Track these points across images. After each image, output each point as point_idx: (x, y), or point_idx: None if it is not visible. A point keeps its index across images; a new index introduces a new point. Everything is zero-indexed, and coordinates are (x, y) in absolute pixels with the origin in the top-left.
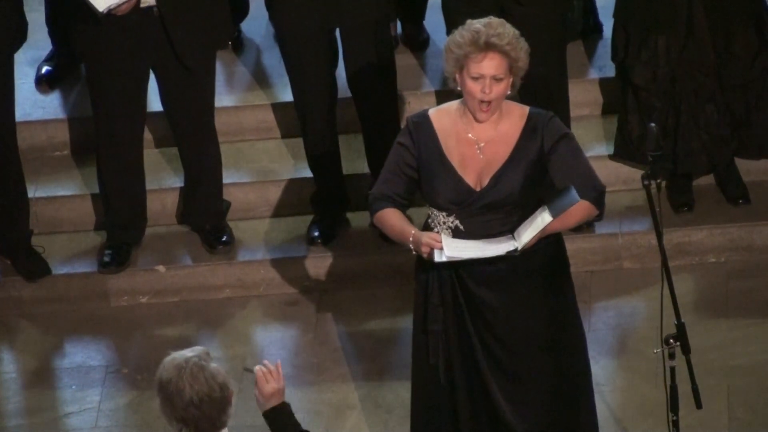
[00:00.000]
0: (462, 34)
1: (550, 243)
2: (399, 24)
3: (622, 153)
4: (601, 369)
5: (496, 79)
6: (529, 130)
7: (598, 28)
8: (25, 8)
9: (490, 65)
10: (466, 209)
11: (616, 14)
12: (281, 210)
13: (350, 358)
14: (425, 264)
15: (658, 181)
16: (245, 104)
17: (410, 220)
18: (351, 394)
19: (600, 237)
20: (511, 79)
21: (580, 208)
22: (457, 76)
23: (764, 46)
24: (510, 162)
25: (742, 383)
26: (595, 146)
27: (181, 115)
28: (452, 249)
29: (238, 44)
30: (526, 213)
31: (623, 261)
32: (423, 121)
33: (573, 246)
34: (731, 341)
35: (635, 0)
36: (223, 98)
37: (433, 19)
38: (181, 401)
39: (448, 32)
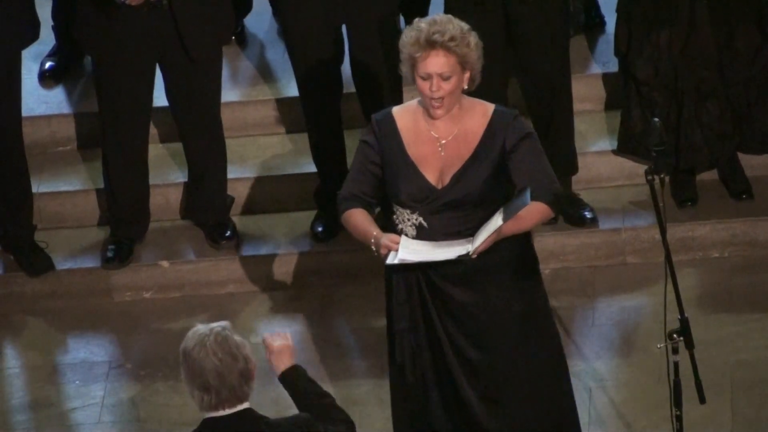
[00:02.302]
0: (408, 33)
1: (516, 242)
2: (402, 19)
3: (625, 148)
4: (604, 364)
5: (444, 77)
6: (492, 128)
7: (601, 23)
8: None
9: (435, 63)
10: (428, 207)
11: (619, 9)
12: (285, 205)
13: (354, 354)
14: (391, 266)
15: (662, 176)
16: (249, 99)
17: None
18: (355, 389)
19: (603, 232)
20: (466, 75)
21: (534, 211)
22: (411, 75)
23: (766, 42)
24: (472, 160)
25: (745, 378)
26: (598, 141)
27: (186, 110)
28: (405, 252)
29: (242, 39)
30: (489, 212)
31: (626, 256)
32: (386, 119)
33: (576, 241)
34: (735, 336)
35: None
36: (227, 93)
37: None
38: (204, 369)
39: None
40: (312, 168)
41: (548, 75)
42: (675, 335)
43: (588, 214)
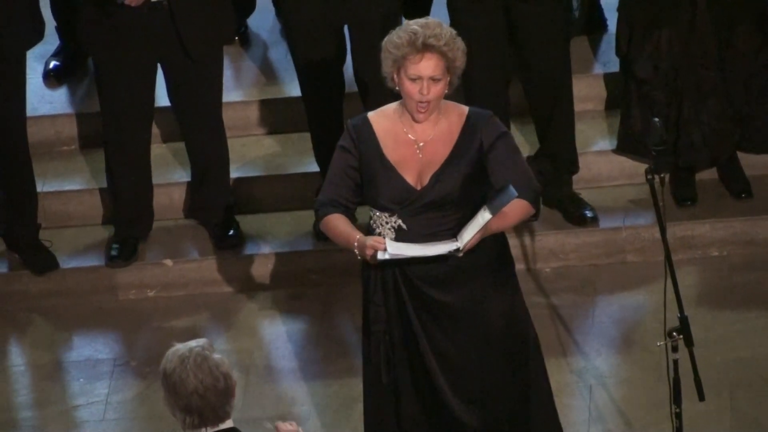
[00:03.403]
0: (399, 35)
1: (494, 243)
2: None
3: (625, 147)
4: (604, 362)
5: (434, 80)
6: (468, 129)
7: (602, 24)
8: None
9: (427, 66)
10: (408, 208)
11: (620, 8)
12: (288, 204)
13: (356, 352)
14: (368, 266)
15: (662, 175)
16: (252, 99)
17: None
18: (357, 386)
19: (603, 231)
20: (448, 79)
21: (517, 208)
22: (395, 76)
23: (766, 41)
24: (449, 161)
25: (744, 376)
26: (599, 141)
27: (188, 110)
28: (395, 248)
29: (245, 39)
30: (467, 212)
31: (627, 255)
32: (362, 123)
33: (577, 240)
34: (734, 334)
35: None
36: (230, 93)
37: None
38: (185, 391)
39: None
40: (314, 167)
41: (549, 75)
42: (675, 333)
43: (589, 213)
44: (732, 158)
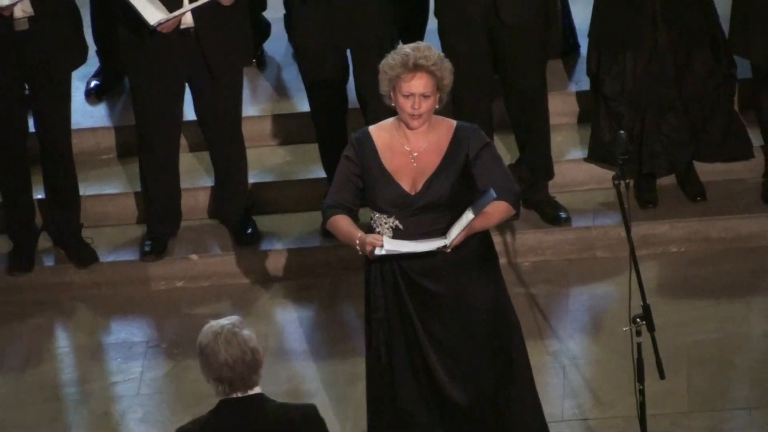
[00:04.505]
0: (394, 57)
1: (479, 240)
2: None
3: (595, 155)
4: (577, 345)
5: (425, 96)
6: (457, 140)
7: (576, 48)
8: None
9: (418, 84)
10: (404, 211)
11: (591, 35)
12: (299, 206)
13: (358, 335)
14: (370, 261)
15: (627, 181)
16: (267, 114)
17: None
18: (359, 366)
19: (576, 230)
20: (438, 96)
21: (499, 209)
22: (391, 94)
23: (718, 64)
24: (440, 169)
25: (700, 356)
26: (572, 150)
27: (212, 123)
28: (391, 245)
29: (262, 62)
30: (455, 213)
31: (596, 251)
32: (364, 137)
33: (552, 237)
34: (690, 320)
35: (607, 23)
36: (248, 108)
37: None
38: (217, 362)
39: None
40: (322, 174)
41: (528, 92)
42: (638, 319)
43: (563, 214)
44: (688, 166)
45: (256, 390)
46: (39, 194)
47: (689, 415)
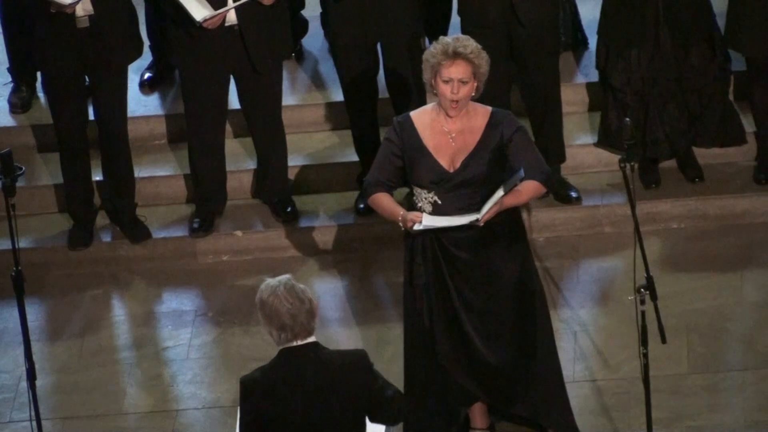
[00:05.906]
0: (435, 46)
1: (509, 217)
2: (426, 39)
3: (604, 141)
4: (586, 313)
5: (463, 82)
6: (492, 124)
7: (584, 42)
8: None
9: (457, 70)
10: (442, 187)
11: (599, 32)
12: (334, 187)
13: (387, 304)
14: (410, 234)
15: (632, 164)
16: (305, 103)
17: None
18: (388, 332)
19: (586, 208)
20: (475, 84)
21: (529, 187)
22: (433, 81)
23: (714, 59)
24: (477, 149)
25: (698, 323)
26: (582, 136)
27: (255, 112)
28: (428, 220)
29: (300, 56)
30: (490, 189)
31: (604, 227)
32: (406, 120)
33: (564, 215)
34: (690, 290)
35: (614, 20)
36: (288, 98)
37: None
38: (280, 312)
39: None
40: (354, 157)
41: (542, 84)
42: (642, 290)
43: (574, 194)
44: (687, 151)
45: (312, 339)
46: (97, 176)
47: (688, 377)
